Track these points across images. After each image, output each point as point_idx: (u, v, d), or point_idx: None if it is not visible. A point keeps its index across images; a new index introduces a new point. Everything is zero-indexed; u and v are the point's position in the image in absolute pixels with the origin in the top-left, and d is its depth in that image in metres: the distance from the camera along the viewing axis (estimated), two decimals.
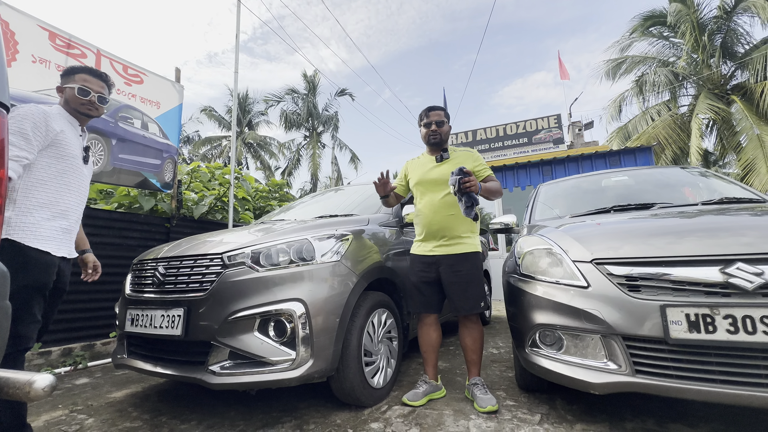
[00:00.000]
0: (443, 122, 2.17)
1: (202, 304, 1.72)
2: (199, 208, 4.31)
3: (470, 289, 2.01)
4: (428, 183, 2.13)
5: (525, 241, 2.11)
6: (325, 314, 1.74)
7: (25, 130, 1.46)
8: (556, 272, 1.74)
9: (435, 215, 2.07)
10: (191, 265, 1.84)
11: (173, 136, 4.12)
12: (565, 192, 3.08)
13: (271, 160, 25.70)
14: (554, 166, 6.50)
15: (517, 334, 1.90)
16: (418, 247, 2.15)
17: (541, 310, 1.73)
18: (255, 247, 1.80)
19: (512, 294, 1.97)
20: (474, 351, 2.05)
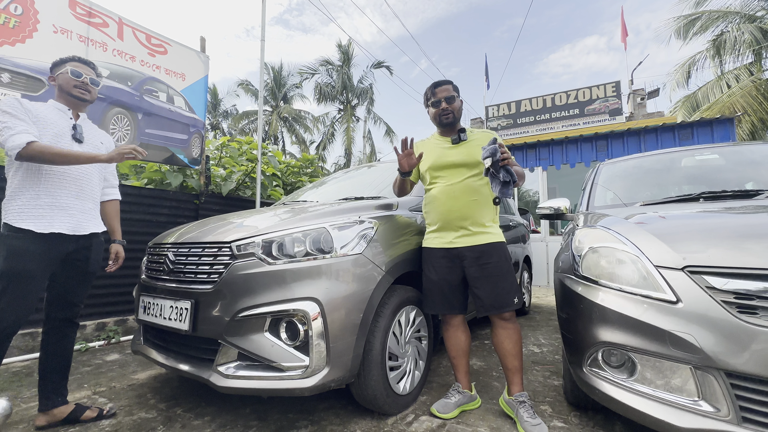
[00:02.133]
0: (453, 98, 1.85)
1: (209, 298, 1.56)
2: (227, 184, 4.22)
3: (501, 282, 1.72)
4: (446, 167, 1.83)
5: (586, 235, 1.74)
6: (344, 315, 1.52)
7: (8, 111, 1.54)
8: (631, 278, 1.38)
9: (455, 201, 1.78)
10: (199, 254, 1.67)
11: (199, 110, 3.99)
12: (633, 173, 2.59)
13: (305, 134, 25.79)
14: (611, 140, 5.76)
15: (573, 347, 1.58)
16: (434, 239, 1.86)
17: (607, 324, 1.39)
18: (267, 236, 1.59)
19: (568, 299, 1.64)
20: (515, 356, 1.75)
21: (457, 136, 1.85)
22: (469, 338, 1.90)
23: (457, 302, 1.82)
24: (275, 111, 23.91)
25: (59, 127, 1.67)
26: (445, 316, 1.89)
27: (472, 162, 1.80)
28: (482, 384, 2.18)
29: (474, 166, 1.80)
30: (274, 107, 24.56)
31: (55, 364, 1.73)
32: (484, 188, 1.80)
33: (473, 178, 1.80)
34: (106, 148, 1.88)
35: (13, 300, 1.51)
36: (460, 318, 1.88)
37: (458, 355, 1.88)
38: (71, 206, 1.67)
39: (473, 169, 1.80)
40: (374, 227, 1.76)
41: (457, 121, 1.89)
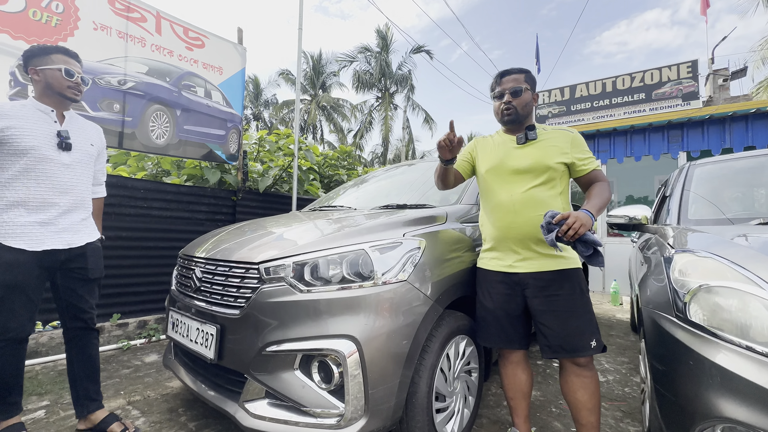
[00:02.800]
0: (520, 90, 1.52)
1: (236, 325, 1.39)
2: (264, 180, 4.13)
3: (573, 320, 1.40)
4: (506, 172, 1.52)
5: (693, 265, 1.37)
6: (386, 356, 1.29)
7: None
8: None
9: (516, 216, 1.47)
10: (226, 273, 1.50)
11: (237, 104, 3.89)
12: (736, 178, 2.11)
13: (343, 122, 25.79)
14: (687, 129, 5.00)
15: (674, 410, 1.25)
16: (490, 260, 1.57)
17: (733, 396, 1.05)
18: (298, 258, 1.38)
19: (667, 348, 1.29)
20: (590, 410, 1.44)
21: (523, 134, 1.53)
22: (532, 377, 1.61)
23: (517, 336, 1.53)
24: (314, 100, 24.05)
25: (42, 134, 1.54)
26: (503, 351, 1.61)
27: (539, 167, 1.48)
28: (540, 423, 1.88)
29: (542, 172, 1.48)
30: (312, 96, 24.72)
31: (82, 371, 1.70)
32: (553, 200, 1.47)
33: (540, 187, 1.48)
34: (97, 150, 1.77)
35: (11, 309, 1.49)
36: (521, 354, 1.59)
37: (517, 397, 1.59)
38: (65, 222, 1.60)
39: (540, 176, 1.48)
40: (421, 247, 1.50)
41: (524, 118, 1.55)
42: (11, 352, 1.51)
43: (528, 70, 1.56)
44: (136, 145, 3.12)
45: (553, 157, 1.47)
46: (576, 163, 1.49)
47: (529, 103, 1.54)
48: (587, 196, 1.48)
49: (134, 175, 3.98)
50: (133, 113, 3.08)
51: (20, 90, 2.53)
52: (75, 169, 1.63)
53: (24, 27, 2.54)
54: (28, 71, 1.59)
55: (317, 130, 26.21)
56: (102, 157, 1.84)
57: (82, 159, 1.66)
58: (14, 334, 1.50)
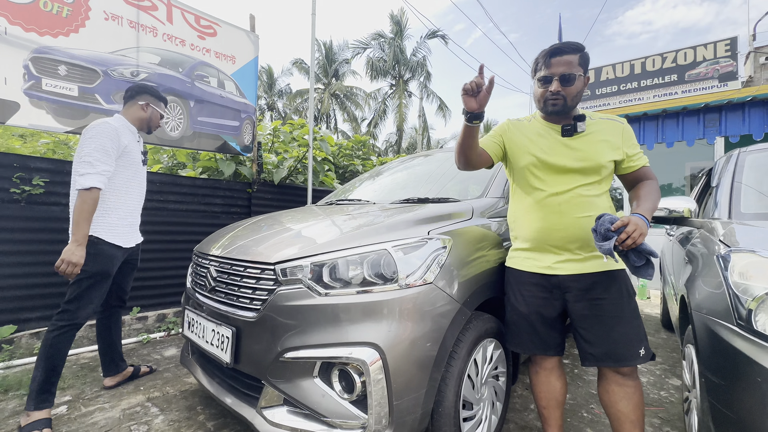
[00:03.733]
0: (573, 78, 1.28)
1: (252, 328, 1.32)
2: (279, 172, 4.07)
3: (620, 326, 1.27)
4: (552, 169, 1.34)
5: (757, 268, 1.21)
6: (411, 365, 1.20)
7: (105, 146, 1.77)
8: None
9: (560, 218, 1.32)
10: (241, 274, 1.43)
11: (250, 94, 3.81)
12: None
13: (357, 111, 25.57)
14: (725, 113, 4.65)
15: (732, 429, 1.12)
16: (525, 260, 1.42)
17: None
18: (316, 258, 1.29)
19: (728, 360, 1.16)
20: (633, 423, 1.32)
21: (571, 125, 1.34)
22: (566, 385, 1.49)
23: (552, 341, 1.41)
24: (327, 89, 23.87)
25: (137, 153, 1.98)
26: (536, 357, 1.50)
27: (589, 166, 1.31)
28: (571, 430, 1.78)
29: (592, 171, 1.32)
30: (326, 85, 24.52)
31: (117, 336, 2.14)
32: (600, 200, 1.33)
33: (588, 186, 1.32)
34: None
35: (93, 297, 1.80)
36: (555, 360, 1.47)
37: (551, 406, 1.48)
38: (137, 223, 2.07)
39: (589, 176, 1.32)
40: (447, 246, 1.39)
41: (571, 110, 1.35)
42: (70, 336, 1.76)
43: (584, 47, 1.31)
44: (151, 138, 3.08)
45: (605, 154, 1.31)
46: (625, 159, 1.34)
47: (581, 92, 1.34)
48: (636, 196, 1.32)
49: (150, 168, 3.98)
50: None
51: (34, 84, 2.51)
52: (145, 181, 2.10)
53: (35, 18, 2.49)
54: (140, 101, 2.01)
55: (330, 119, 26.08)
56: None
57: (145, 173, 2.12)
58: (81, 320, 1.77)
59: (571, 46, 1.31)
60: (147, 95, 2.02)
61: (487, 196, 1.90)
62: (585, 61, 1.32)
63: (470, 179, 2.22)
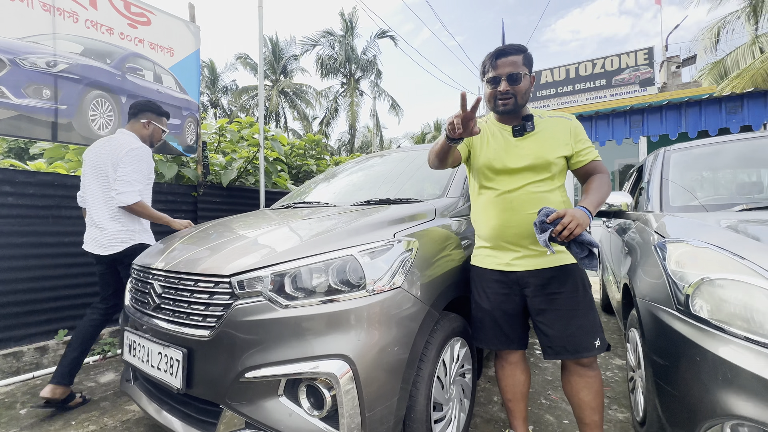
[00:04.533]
0: (519, 76, 1.32)
1: (206, 348, 1.20)
2: (227, 173, 3.82)
3: (577, 319, 1.33)
4: (504, 169, 1.38)
5: (691, 256, 1.34)
6: (383, 374, 1.16)
7: (143, 169, 2.05)
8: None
9: (513, 215, 1.36)
10: (191, 288, 1.30)
11: (192, 90, 3.52)
12: (713, 163, 2.16)
13: (308, 109, 24.99)
14: (647, 115, 5.21)
15: (678, 407, 1.22)
16: (486, 257, 1.46)
17: (746, 393, 1.02)
18: (277, 268, 1.21)
19: (670, 342, 1.26)
20: (594, 409, 1.39)
21: (520, 125, 1.38)
22: (530, 377, 1.54)
23: (515, 336, 1.45)
24: (275, 86, 23.04)
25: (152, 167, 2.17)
26: (501, 351, 1.53)
27: (540, 164, 1.36)
28: (532, 417, 1.86)
29: (542, 168, 1.36)
30: (274, 81, 23.66)
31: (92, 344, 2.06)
32: (551, 196, 1.37)
33: (539, 183, 1.37)
34: None
35: None
36: (519, 354, 1.51)
37: (515, 399, 1.53)
38: None
39: (541, 173, 1.37)
40: (413, 249, 1.37)
41: (521, 109, 1.39)
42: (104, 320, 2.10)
43: (526, 48, 1.36)
44: (75, 137, 2.73)
45: (554, 151, 1.36)
46: (575, 154, 1.39)
47: (528, 90, 1.38)
48: (585, 189, 1.38)
49: (74, 171, 3.53)
50: (69, 100, 2.68)
51: None
52: None
53: None
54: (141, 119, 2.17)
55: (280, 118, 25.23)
56: None
57: None
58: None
59: (514, 47, 1.35)
60: (148, 113, 2.17)
61: (447, 196, 1.91)
62: (529, 61, 1.37)
63: (427, 179, 2.23)
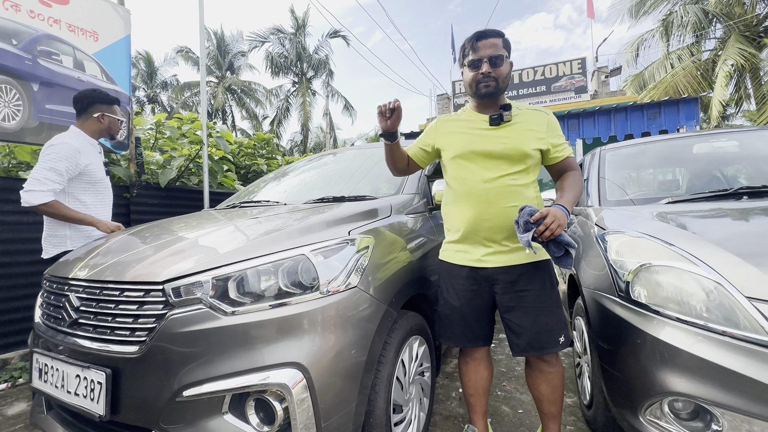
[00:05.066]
0: (501, 59, 1.33)
1: (135, 367, 1.05)
2: (166, 172, 3.50)
3: (543, 316, 1.33)
4: (478, 156, 1.36)
5: (628, 245, 1.43)
6: (339, 380, 1.09)
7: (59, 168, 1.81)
8: (712, 312, 1.08)
9: (488, 207, 1.34)
10: (115, 299, 1.13)
11: (122, 80, 3.18)
12: (642, 161, 2.36)
13: (257, 108, 24.04)
14: (582, 119, 5.67)
15: (622, 388, 1.29)
16: (456, 253, 1.43)
17: (679, 371, 1.10)
18: (220, 271, 1.09)
19: (614, 328, 1.33)
20: (553, 402, 1.42)
21: (497, 114, 1.36)
22: (492, 373, 1.54)
23: (482, 333, 1.43)
24: (221, 82, 21.85)
25: (100, 170, 1.99)
26: (466, 348, 1.51)
27: (516, 154, 1.33)
28: (488, 409, 1.88)
29: (517, 159, 1.34)
30: (219, 78, 22.44)
31: None
32: (527, 190, 1.36)
33: (515, 176, 1.34)
34: None
35: None
36: (484, 351, 1.50)
37: (477, 394, 1.51)
38: None
39: (516, 164, 1.34)
40: (369, 246, 1.31)
41: (502, 92, 1.38)
42: None
43: (504, 33, 1.36)
44: None
45: (529, 143, 1.34)
46: (550, 150, 1.38)
47: (508, 74, 1.37)
48: (559, 187, 1.40)
49: None
50: None
51: None
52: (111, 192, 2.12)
53: None
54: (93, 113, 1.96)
55: (227, 116, 23.99)
56: None
57: None
58: None
59: (494, 31, 1.36)
60: (99, 104, 1.98)
61: (402, 193, 1.89)
62: (508, 46, 1.38)
63: (381, 177, 2.20)
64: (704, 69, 12.77)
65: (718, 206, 1.59)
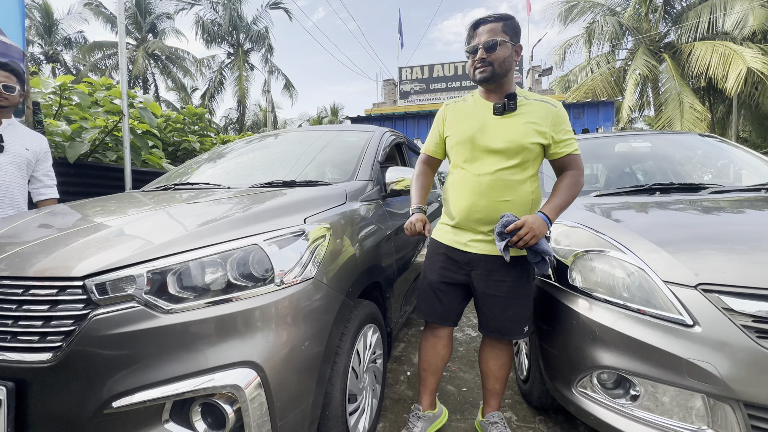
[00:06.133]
0: (496, 44, 1.30)
1: (47, 378, 0.88)
2: (75, 146, 3.00)
3: (514, 307, 1.39)
4: (478, 148, 1.36)
5: (565, 235, 1.55)
6: (296, 375, 1.04)
7: None
8: (635, 294, 1.22)
9: (480, 198, 1.35)
10: (18, 299, 0.94)
11: (12, 32, 2.62)
12: None
13: (185, 78, 21.78)
14: None
15: (557, 364, 1.42)
16: (446, 233, 1.47)
17: (607, 347, 1.23)
18: (156, 264, 0.95)
19: (552, 310, 1.45)
20: (498, 379, 1.52)
21: (502, 104, 1.33)
22: (450, 353, 1.58)
23: (451, 313, 1.49)
24: (141, 46, 19.32)
25: None
26: (431, 324, 1.55)
27: (513, 147, 1.32)
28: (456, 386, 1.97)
29: (514, 153, 1.32)
30: (139, 40, 19.82)
31: None
32: (522, 186, 1.35)
33: (511, 170, 1.33)
34: (33, 154, 1.99)
35: None
36: (447, 331, 1.55)
37: (430, 370, 1.56)
38: None
39: (513, 158, 1.33)
40: (326, 235, 1.25)
41: (501, 78, 1.34)
42: None
43: (510, 16, 1.33)
44: None
45: (529, 136, 1.32)
46: (551, 145, 1.36)
47: (508, 59, 1.33)
48: (554, 188, 1.39)
49: None
50: None
51: None
52: (5, 169, 1.85)
53: None
54: None
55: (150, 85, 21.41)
56: (46, 161, 2.10)
57: (13, 160, 1.89)
58: None
59: (495, 15, 1.34)
60: None
61: (356, 179, 1.84)
62: (511, 29, 1.34)
63: (330, 162, 2.13)
64: (617, 76, 14.39)
65: (637, 200, 1.80)
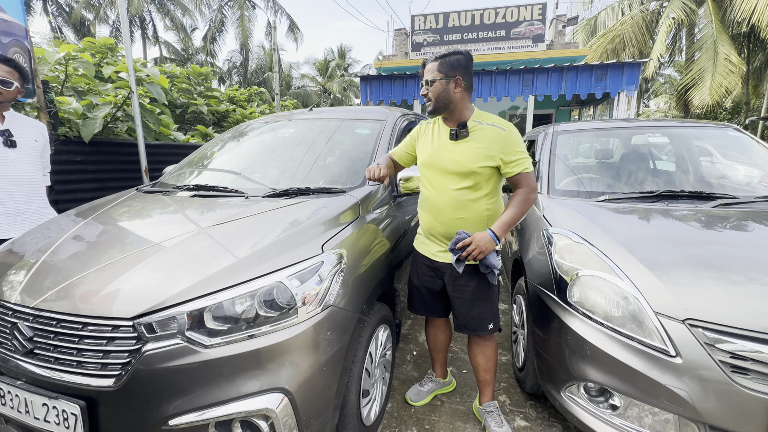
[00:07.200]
0: (433, 80, 1.49)
1: (114, 398, 1.05)
2: (89, 124, 3.02)
3: (477, 308, 1.60)
4: (436, 169, 1.56)
5: (571, 251, 1.61)
6: (319, 392, 1.20)
7: None
8: (627, 321, 1.32)
9: (439, 215, 1.57)
10: (78, 334, 1.08)
11: (12, 7, 2.53)
12: (587, 147, 2.53)
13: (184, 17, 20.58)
14: (536, 75, 5.74)
15: (550, 369, 1.57)
16: (421, 244, 1.73)
17: (596, 364, 1.36)
18: (194, 305, 1.07)
19: (549, 321, 1.57)
20: (487, 371, 1.73)
21: (455, 131, 1.51)
22: (450, 336, 1.91)
23: (437, 308, 1.77)
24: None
25: None
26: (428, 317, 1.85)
27: (463, 171, 1.49)
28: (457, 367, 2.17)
29: (466, 175, 1.50)
30: None
31: None
32: (475, 204, 1.52)
33: (466, 190, 1.51)
34: (42, 145, 2.01)
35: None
36: (441, 320, 1.85)
37: (436, 349, 1.93)
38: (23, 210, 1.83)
39: (465, 180, 1.51)
40: (342, 261, 1.34)
41: (443, 109, 1.52)
42: None
43: (447, 54, 1.49)
44: None
45: (477, 161, 1.47)
46: (502, 165, 1.48)
47: (443, 92, 1.48)
48: (506, 206, 1.51)
49: None
50: None
51: None
52: (16, 165, 1.83)
53: None
54: None
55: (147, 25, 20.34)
56: (46, 150, 2.10)
57: (27, 153, 1.88)
58: None
59: (434, 56, 1.52)
60: None
61: (368, 184, 1.87)
62: (446, 66, 1.47)
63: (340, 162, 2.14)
64: (650, 20, 13.18)
65: (644, 210, 1.82)
